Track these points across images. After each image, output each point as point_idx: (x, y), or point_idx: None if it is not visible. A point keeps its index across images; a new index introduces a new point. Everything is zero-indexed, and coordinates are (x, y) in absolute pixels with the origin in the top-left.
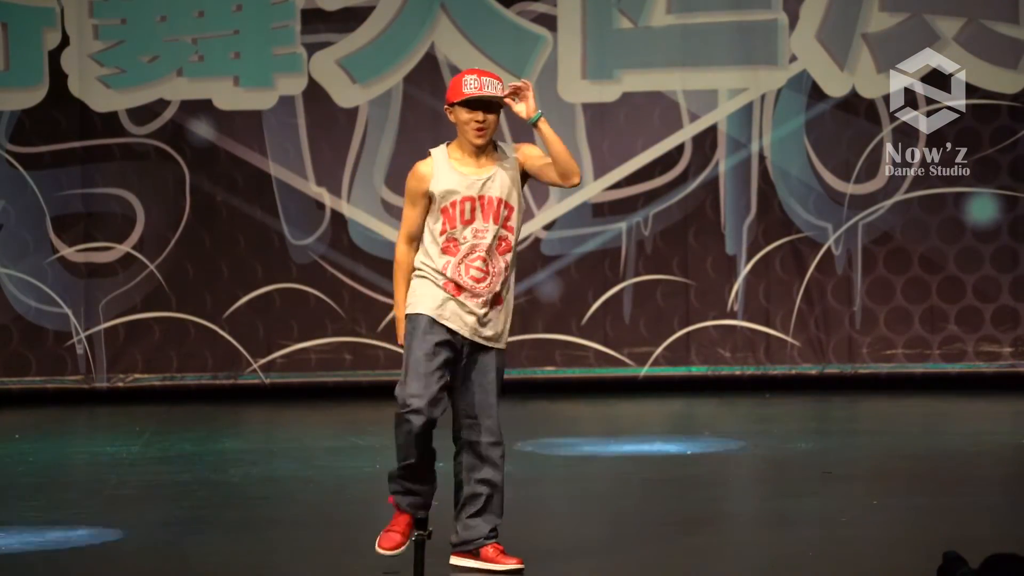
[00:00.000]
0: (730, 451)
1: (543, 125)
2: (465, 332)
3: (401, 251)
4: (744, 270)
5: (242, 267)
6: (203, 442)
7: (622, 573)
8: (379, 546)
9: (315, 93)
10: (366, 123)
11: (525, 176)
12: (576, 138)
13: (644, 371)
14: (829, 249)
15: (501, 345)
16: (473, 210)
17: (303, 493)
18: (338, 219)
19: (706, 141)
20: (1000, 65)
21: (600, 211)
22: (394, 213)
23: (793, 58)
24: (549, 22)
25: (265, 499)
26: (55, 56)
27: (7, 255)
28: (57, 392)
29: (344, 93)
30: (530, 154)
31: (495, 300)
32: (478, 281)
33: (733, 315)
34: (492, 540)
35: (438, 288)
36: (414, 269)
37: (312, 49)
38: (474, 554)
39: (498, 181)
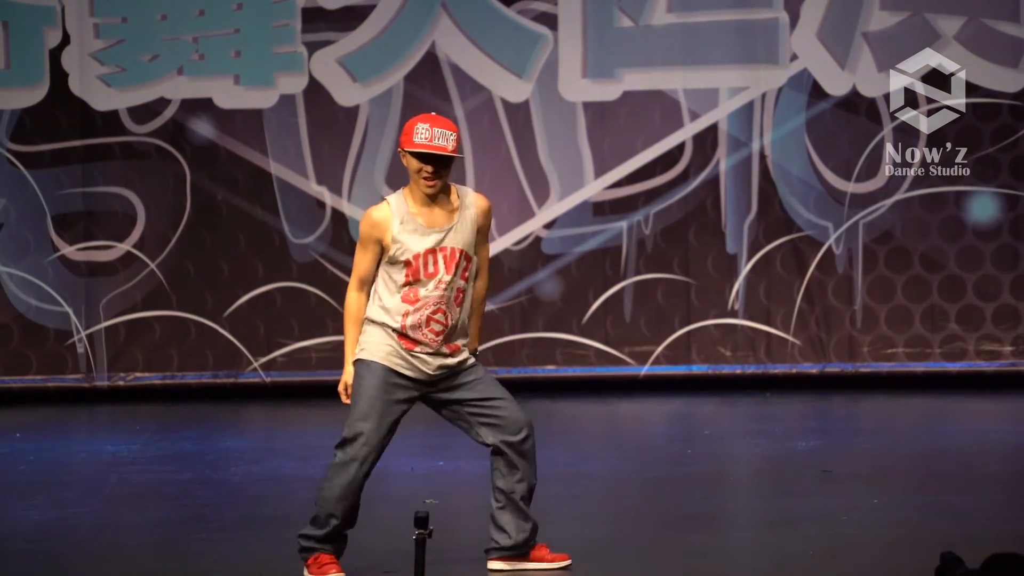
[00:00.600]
0: (731, 450)
1: None
2: (423, 376)
3: (352, 297)
4: (745, 269)
5: (243, 266)
6: (203, 441)
7: (622, 572)
8: None
9: (316, 92)
10: (367, 122)
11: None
12: (577, 137)
13: (645, 370)
14: (830, 248)
15: (471, 362)
16: (436, 262)
17: (304, 492)
18: (339, 218)
19: (707, 140)
20: (1001, 64)
21: (601, 210)
22: None
23: (794, 57)
24: (550, 21)
25: (266, 498)
26: (56, 55)
27: (8, 254)
28: (58, 391)
29: (345, 92)
30: (484, 226)
31: (453, 348)
32: (437, 335)
33: (734, 314)
34: (538, 541)
35: (392, 340)
36: (370, 319)
37: (313, 48)
38: (524, 556)
39: (459, 232)
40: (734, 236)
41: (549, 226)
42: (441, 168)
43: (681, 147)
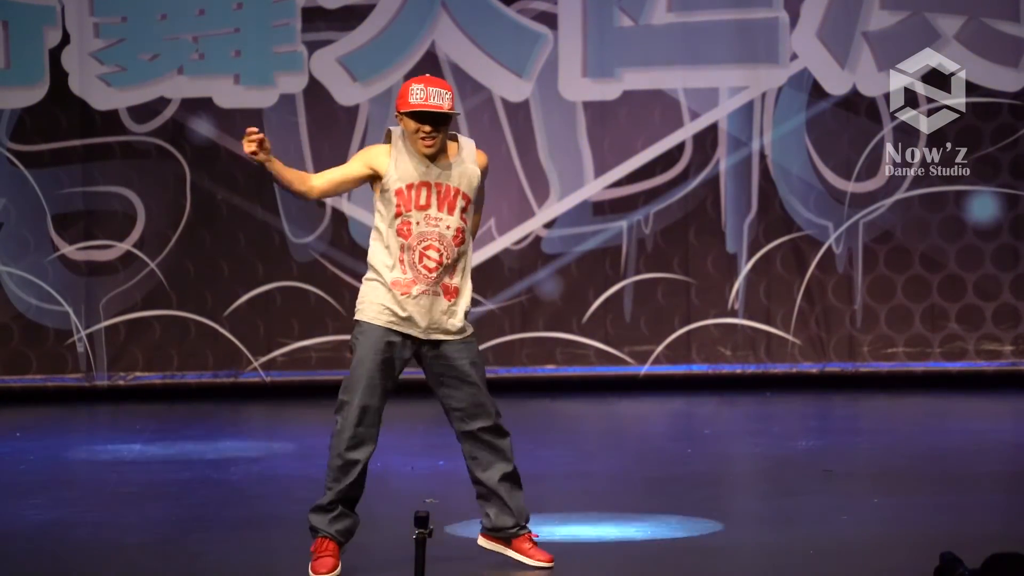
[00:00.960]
0: (731, 449)
1: None
2: (418, 333)
3: (310, 180)
4: (745, 268)
5: (243, 265)
6: (203, 440)
7: (622, 571)
8: (313, 571)
9: (316, 91)
10: (367, 121)
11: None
12: (577, 136)
13: (645, 369)
14: (830, 247)
15: (467, 334)
16: (428, 196)
17: (304, 491)
18: (339, 217)
19: (707, 139)
20: (1001, 63)
21: (601, 209)
22: None
23: (794, 56)
24: (550, 20)
25: (266, 497)
26: (56, 54)
27: (8, 253)
28: (57, 390)
29: (345, 91)
30: (481, 177)
31: (450, 291)
32: (431, 271)
33: (734, 313)
34: (527, 530)
35: (387, 295)
36: (368, 272)
37: (313, 47)
38: (506, 542)
39: (456, 171)
40: (734, 235)
41: (549, 225)
42: (439, 126)
43: (681, 146)
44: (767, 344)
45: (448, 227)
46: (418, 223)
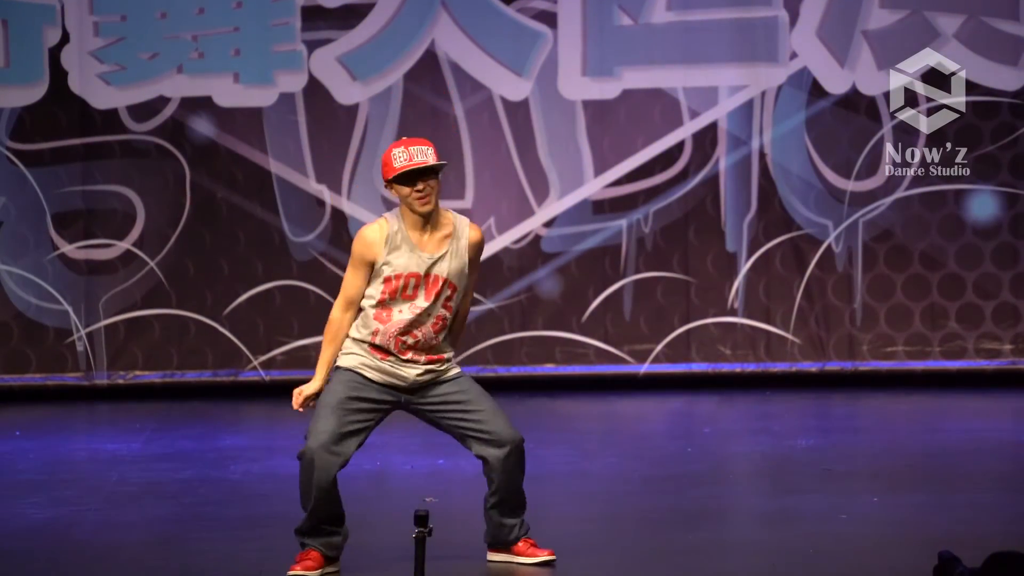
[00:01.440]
0: (730, 448)
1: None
2: (402, 383)
3: (335, 315)
4: (744, 267)
5: (242, 264)
6: (203, 439)
7: (622, 570)
8: (290, 569)
9: (315, 90)
10: (366, 120)
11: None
12: (576, 135)
13: (644, 368)
14: (829, 246)
15: (456, 370)
16: (416, 287)
17: None
18: (338, 216)
19: (706, 138)
20: (1000, 62)
21: (600, 208)
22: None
23: (794, 55)
24: (549, 19)
25: (265, 496)
26: (55, 53)
27: (7, 252)
28: (57, 389)
29: (344, 90)
30: (475, 259)
31: (433, 360)
32: (403, 353)
33: (733, 312)
34: (524, 536)
35: (367, 355)
36: (351, 332)
37: (312, 46)
38: (507, 550)
39: (447, 262)
40: (734, 234)
41: (549, 224)
42: (430, 182)
43: (681, 145)
44: (767, 343)
45: (429, 314)
46: (400, 311)
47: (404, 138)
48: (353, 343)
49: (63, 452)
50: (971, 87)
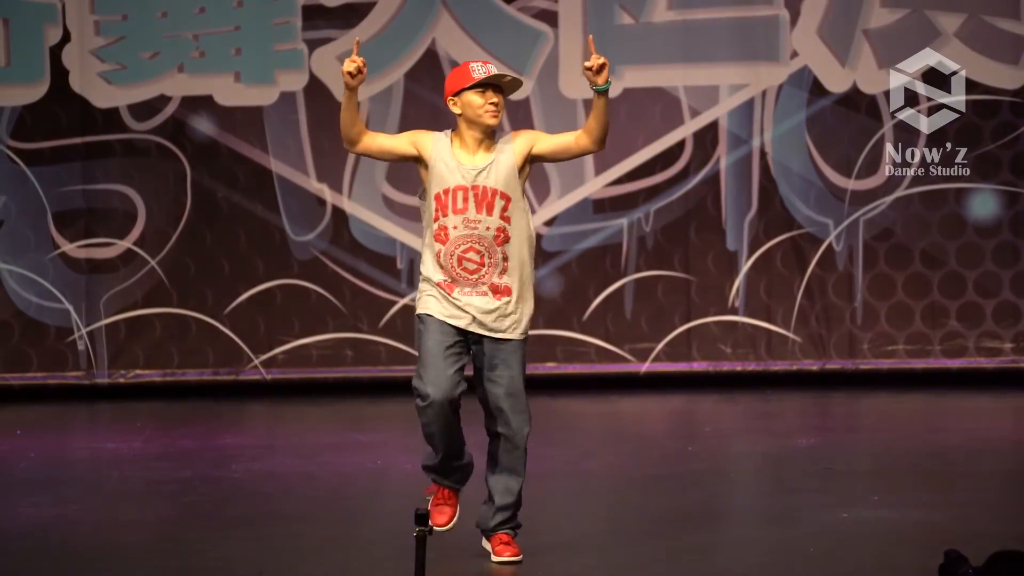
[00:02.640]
0: (731, 447)
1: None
2: (466, 324)
3: (352, 119)
4: (745, 266)
5: (243, 263)
6: (204, 438)
7: (622, 569)
8: (433, 522)
9: (316, 89)
10: (366, 120)
11: (529, 162)
12: None
13: (645, 367)
14: (830, 245)
15: (514, 336)
16: (466, 199)
17: (304, 489)
18: (339, 215)
19: (707, 137)
20: (1001, 61)
21: (601, 207)
22: (395, 209)
23: (794, 54)
24: (550, 18)
25: (266, 495)
26: (56, 52)
27: (8, 251)
28: (58, 388)
29: None
30: (538, 138)
31: (500, 290)
32: (472, 272)
33: (734, 311)
34: (501, 530)
35: (435, 294)
36: (421, 271)
37: (313, 45)
38: (487, 537)
39: (494, 171)
40: (734, 233)
41: (549, 223)
42: (501, 97)
43: (681, 144)
44: (767, 342)
45: (488, 228)
46: (455, 227)
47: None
48: (424, 284)
49: (64, 451)
50: (972, 86)
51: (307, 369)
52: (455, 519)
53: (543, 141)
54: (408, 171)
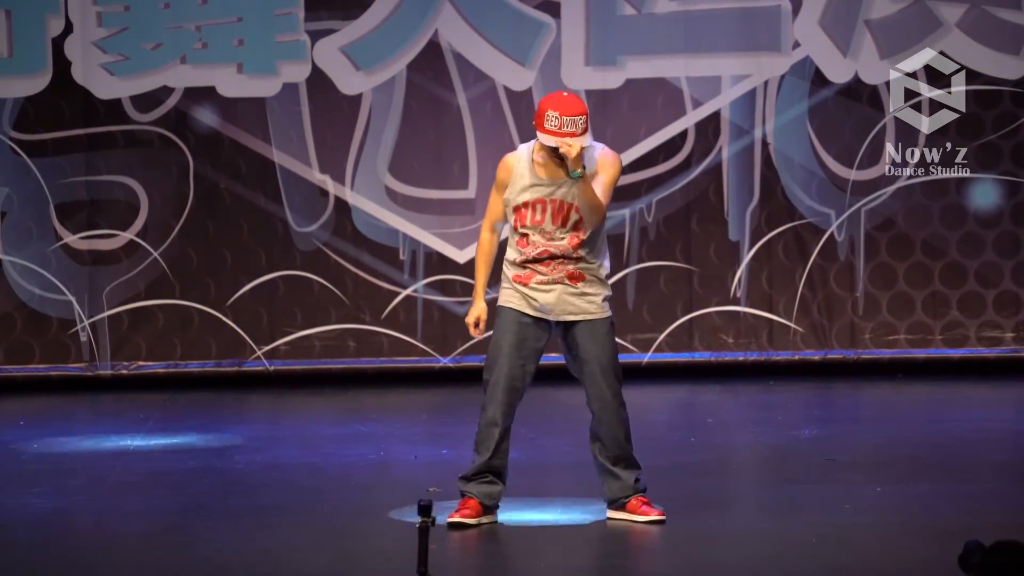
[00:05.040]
0: (733, 437)
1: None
2: (548, 316)
3: (483, 237)
4: (747, 256)
5: (246, 254)
6: (207, 429)
7: (624, 559)
8: (454, 516)
9: (319, 80)
10: (369, 110)
11: None
12: None
13: (647, 357)
14: (832, 235)
15: (595, 315)
16: (544, 212)
17: (307, 480)
18: (342, 206)
19: (709, 127)
20: (1002, 51)
21: None
22: (397, 200)
23: (796, 44)
24: (552, 8)
25: (269, 486)
26: (59, 43)
27: (11, 242)
28: (61, 379)
29: (348, 80)
30: (599, 172)
31: (577, 276)
32: (547, 266)
33: (736, 301)
34: (637, 494)
35: (512, 285)
36: (504, 260)
37: (316, 36)
38: (622, 508)
39: (571, 187)
40: (736, 223)
41: None
42: (572, 144)
43: (683, 135)
44: (769, 332)
45: (563, 239)
46: (535, 236)
47: (564, 95)
48: (503, 277)
49: (67, 442)
50: (972, 76)
51: (310, 360)
52: (478, 519)
53: (598, 176)
54: (411, 163)
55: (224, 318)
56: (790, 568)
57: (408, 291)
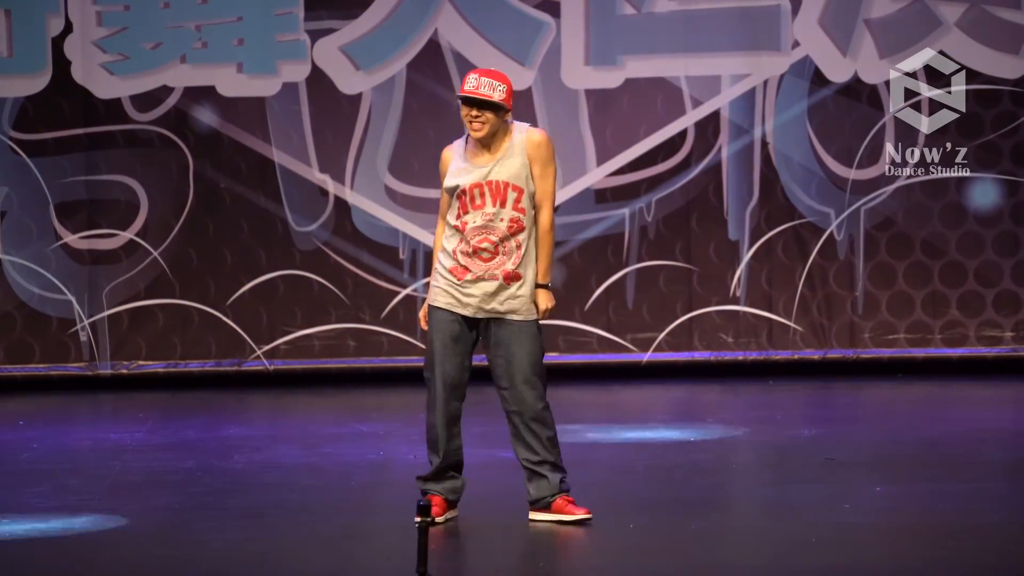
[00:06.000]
0: (733, 437)
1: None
2: (472, 312)
3: (438, 229)
4: (747, 255)
5: (245, 254)
6: (207, 429)
7: (625, 559)
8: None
9: (318, 80)
10: (369, 110)
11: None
12: (579, 124)
13: (647, 357)
14: (831, 234)
15: (522, 316)
16: (482, 195)
17: (307, 479)
18: (341, 206)
19: (709, 127)
20: (1002, 50)
21: (603, 197)
22: (397, 200)
23: (796, 44)
24: (552, 8)
25: (269, 485)
26: (58, 43)
27: (10, 242)
28: (61, 379)
29: (347, 80)
30: (535, 159)
31: (512, 276)
32: (487, 260)
33: (736, 300)
34: (562, 494)
35: (446, 277)
36: (436, 259)
37: (315, 36)
38: (547, 508)
39: (506, 165)
40: (736, 223)
41: None
42: (485, 113)
43: (683, 134)
44: (769, 331)
45: (502, 219)
46: (474, 220)
47: (487, 69)
48: (438, 266)
49: (67, 442)
50: (972, 75)
51: (309, 360)
52: (444, 515)
53: (535, 166)
54: (410, 162)
55: (224, 317)
56: (790, 568)
57: (408, 290)
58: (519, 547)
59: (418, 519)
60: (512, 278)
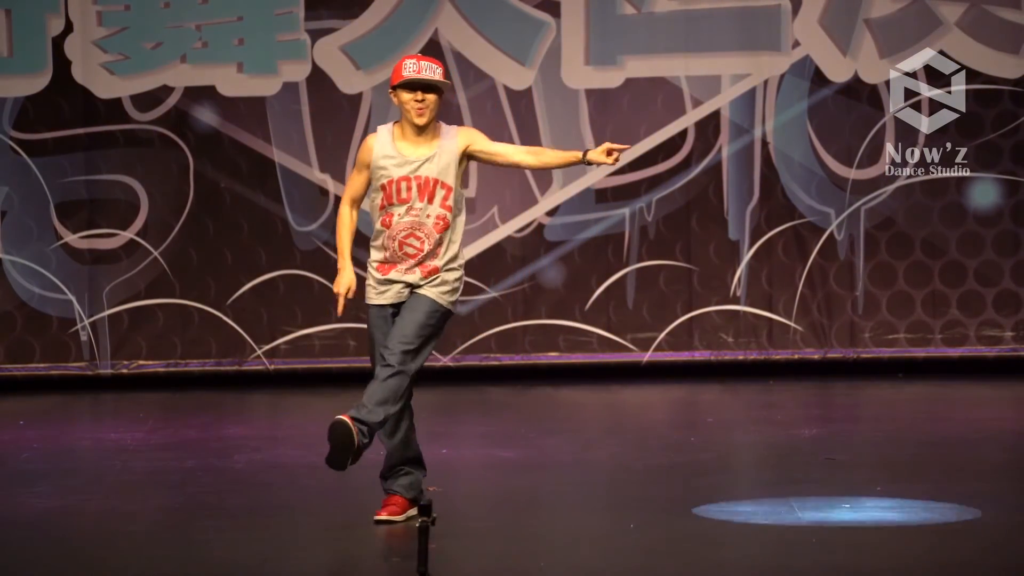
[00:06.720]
0: (733, 437)
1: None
2: (395, 299)
3: (343, 211)
4: (747, 255)
5: (246, 253)
6: (207, 428)
7: (625, 559)
8: (375, 515)
9: (319, 79)
10: (369, 109)
11: (466, 159)
12: (579, 123)
13: (647, 356)
14: (831, 234)
15: (427, 292)
16: (409, 189)
17: (307, 479)
18: None
19: (709, 127)
20: (1002, 50)
21: (603, 197)
22: None
23: (796, 44)
24: (552, 8)
25: (269, 485)
26: (59, 42)
27: (11, 241)
28: (61, 378)
29: (348, 79)
30: (475, 140)
31: (431, 270)
32: (411, 256)
33: (736, 300)
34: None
35: (374, 274)
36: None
37: (316, 35)
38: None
39: (435, 162)
40: (736, 222)
41: (552, 213)
42: (428, 97)
43: (683, 134)
44: (769, 331)
45: (428, 216)
46: (400, 215)
47: (419, 54)
48: (369, 263)
49: (67, 441)
50: (972, 75)
51: (310, 359)
52: (405, 514)
53: (480, 142)
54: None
55: (224, 317)
56: (790, 568)
57: None
58: (519, 547)
59: (419, 519)
60: (431, 272)
